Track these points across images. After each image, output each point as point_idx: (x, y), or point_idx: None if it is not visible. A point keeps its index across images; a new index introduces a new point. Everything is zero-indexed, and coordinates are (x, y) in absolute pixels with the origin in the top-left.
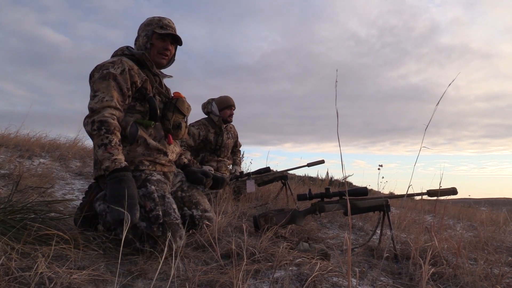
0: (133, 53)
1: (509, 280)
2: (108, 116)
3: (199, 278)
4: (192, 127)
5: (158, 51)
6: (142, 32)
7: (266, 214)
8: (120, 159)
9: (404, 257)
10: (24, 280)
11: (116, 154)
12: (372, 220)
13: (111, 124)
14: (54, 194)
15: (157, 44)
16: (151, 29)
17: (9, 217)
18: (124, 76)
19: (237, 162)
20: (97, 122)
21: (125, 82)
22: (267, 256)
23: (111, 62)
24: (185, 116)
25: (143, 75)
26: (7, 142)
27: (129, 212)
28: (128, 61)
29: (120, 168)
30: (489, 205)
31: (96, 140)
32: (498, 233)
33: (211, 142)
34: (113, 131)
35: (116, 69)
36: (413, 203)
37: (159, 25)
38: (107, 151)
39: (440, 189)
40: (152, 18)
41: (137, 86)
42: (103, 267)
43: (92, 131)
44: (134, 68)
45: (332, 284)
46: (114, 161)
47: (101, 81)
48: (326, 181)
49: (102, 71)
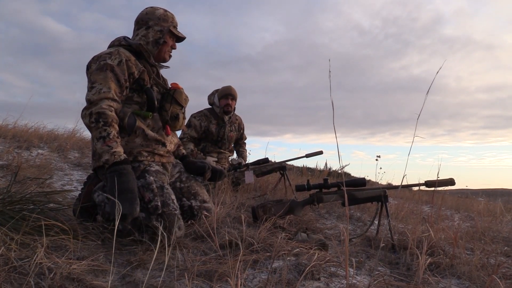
0: (130, 44)
1: (506, 270)
2: (106, 108)
3: (197, 268)
4: (193, 118)
5: (168, 49)
6: (155, 26)
7: (265, 205)
8: (119, 151)
9: (402, 247)
10: (24, 270)
11: (115, 146)
12: (370, 211)
13: (109, 116)
14: (53, 185)
15: (170, 42)
16: (167, 26)
17: (8, 208)
18: (121, 67)
19: (243, 155)
20: (95, 114)
21: (123, 73)
22: (266, 246)
23: (108, 53)
24: (183, 107)
25: (140, 66)
26: (5, 133)
27: (130, 207)
28: (125, 51)
29: (119, 161)
30: (486, 195)
31: (94, 133)
32: (495, 223)
33: (213, 133)
34: (111, 123)
35: (114, 60)
36: (411, 193)
37: (173, 24)
38: (106, 144)
39: (437, 180)
40: (166, 14)
41: (135, 77)
42: (102, 257)
43: (90, 124)
44: (132, 59)
45: (330, 274)
46: (113, 154)
47: (98, 72)
48: (325, 172)
49: (99, 62)
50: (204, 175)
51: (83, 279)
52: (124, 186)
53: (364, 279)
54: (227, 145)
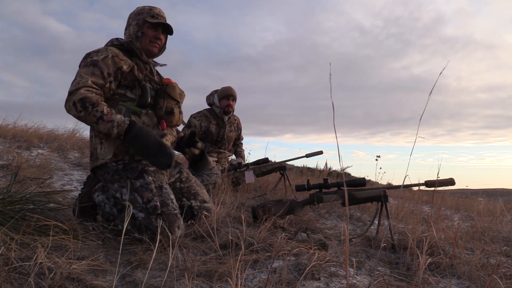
0: (122, 43)
1: (506, 270)
2: (85, 92)
3: (197, 268)
4: (193, 119)
5: (149, 40)
6: (132, 21)
7: (265, 205)
8: (121, 119)
9: (402, 247)
10: (24, 270)
11: (115, 118)
12: (370, 211)
13: (92, 97)
14: (53, 185)
15: (149, 33)
16: (142, 18)
17: (8, 208)
18: (106, 61)
19: (242, 154)
20: (78, 101)
21: (106, 67)
22: (266, 246)
23: (96, 50)
24: (178, 102)
25: (130, 62)
26: (5, 132)
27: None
28: (114, 49)
29: (128, 126)
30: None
31: (88, 119)
32: (495, 223)
33: (213, 134)
34: (98, 103)
35: (99, 55)
36: (411, 193)
37: (150, 14)
38: (106, 121)
39: (437, 179)
40: (143, 7)
41: (124, 71)
42: (102, 257)
43: (79, 113)
44: (120, 55)
45: (330, 274)
46: (120, 125)
47: (83, 68)
48: (325, 172)
49: (86, 60)
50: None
51: (83, 279)
52: (150, 142)
53: (364, 279)
54: (227, 145)
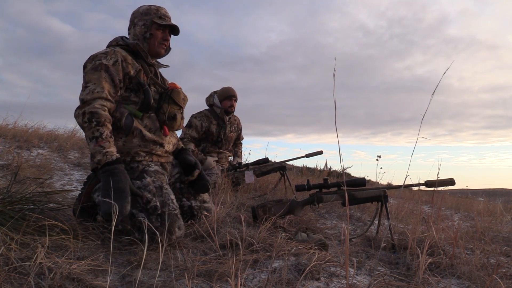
0: (128, 44)
1: (506, 270)
2: (99, 107)
3: (197, 268)
4: (194, 119)
5: (158, 42)
6: (139, 21)
7: (265, 205)
8: (112, 151)
9: (402, 247)
10: (24, 270)
11: (108, 147)
12: (370, 211)
13: (102, 115)
14: (53, 185)
15: (157, 34)
16: (149, 19)
17: (8, 208)
18: (116, 67)
19: (239, 154)
20: (88, 113)
21: (117, 73)
22: (266, 246)
23: (104, 52)
24: (181, 107)
25: (137, 65)
26: (5, 132)
27: (120, 206)
28: (121, 51)
29: (111, 161)
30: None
31: (87, 133)
32: (495, 223)
33: (213, 134)
34: (104, 123)
35: (109, 60)
36: (411, 193)
37: (157, 15)
38: (98, 144)
39: (438, 179)
40: (149, 7)
41: (131, 76)
42: (102, 257)
43: (83, 123)
44: (128, 59)
45: (330, 274)
46: (106, 154)
47: (93, 72)
48: (325, 172)
49: (95, 62)
50: (193, 173)
51: (83, 279)
52: (115, 186)
53: (364, 279)
54: (227, 145)
